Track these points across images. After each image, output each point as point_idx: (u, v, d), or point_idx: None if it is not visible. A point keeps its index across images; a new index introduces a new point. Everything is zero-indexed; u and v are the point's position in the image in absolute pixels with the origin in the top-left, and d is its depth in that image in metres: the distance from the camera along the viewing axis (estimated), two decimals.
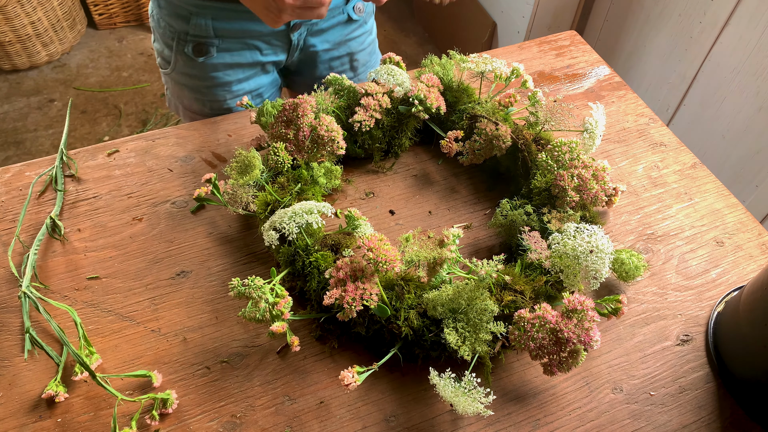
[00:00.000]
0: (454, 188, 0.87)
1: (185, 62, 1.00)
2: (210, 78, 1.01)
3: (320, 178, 0.81)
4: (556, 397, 0.67)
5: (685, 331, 0.73)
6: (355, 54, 1.12)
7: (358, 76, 1.16)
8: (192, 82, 1.03)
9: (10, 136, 2.29)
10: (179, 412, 0.65)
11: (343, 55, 1.10)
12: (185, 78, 1.03)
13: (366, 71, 1.16)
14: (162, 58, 1.04)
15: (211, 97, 1.04)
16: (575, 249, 0.65)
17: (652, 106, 1.77)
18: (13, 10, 2.31)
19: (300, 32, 1.01)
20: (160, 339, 0.70)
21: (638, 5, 1.73)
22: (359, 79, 1.17)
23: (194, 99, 1.06)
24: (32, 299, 0.70)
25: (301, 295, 0.73)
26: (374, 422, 0.65)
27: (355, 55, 1.12)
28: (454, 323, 0.62)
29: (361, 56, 1.14)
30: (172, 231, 0.81)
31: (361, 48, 1.12)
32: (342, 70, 1.13)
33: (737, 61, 1.45)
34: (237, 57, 0.99)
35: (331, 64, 1.10)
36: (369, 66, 1.17)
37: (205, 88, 1.03)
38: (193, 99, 1.06)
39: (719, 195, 0.87)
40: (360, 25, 1.09)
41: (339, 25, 1.06)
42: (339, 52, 1.09)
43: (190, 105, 1.07)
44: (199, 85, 1.03)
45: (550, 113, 0.82)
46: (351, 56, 1.12)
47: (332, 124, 0.76)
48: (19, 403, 0.65)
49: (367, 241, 0.61)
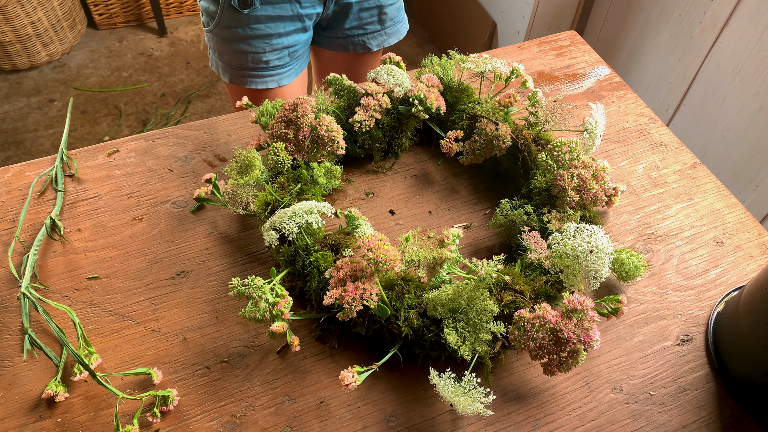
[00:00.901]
0: (454, 188, 0.87)
1: (230, 15, 1.05)
2: (252, 29, 1.06)
3: (320, 178, 0.81)
4: (556, 397, 0.67)
5: (685, 331, 0.73)
6: (384, 7, 1.17)
7: (385, 29, 1.21)
8: (235, 35, 1.07)
9: (10, 136, 2.30)
10: (179, 412, 0.65)
11: (372, 6, 1.15)
12: (228, 32, 1.07)
13: (392, 26, 1.22)
14: (207, 15, 1.09)
15: (252, 48, 1.09)
16: (575, 249, 0.65)
17: (652, 106, 1.77)
18: (13, 10, 2.31)
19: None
20: (160, 339, 0.70)
21: (638, 5, 1.73)
22: (386, 33, 1.22)
23: (235, 53, 1.10)
24: (31, 300, 0.70)
25: (301, 295, 0.73)
26: (374, 422, 0.65)
27: (385, 8, 1.17)
28: (454, 323, 0.62)
29: (390, 10, 1.18)
30: (172, 231, 0.81)
31: (390, 2, 1.17)
32: (370, 22, 1.17)
33: (737, 61, 1.45)
34: (278, 9, 1.05)
35: (360, 15, 1.15)
36: (395, 21, 1.22)
37: (246, 39, 1.08)
38: (234, 53, 1.10)
39: (719, 195, 0.87)
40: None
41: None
42: (369, 4, 1.14)
43: (231, 60, 1.12)
44: (242, 36, 1.07)
45: (550, 113, 0.82)
46: (380, 9, 1.16)
47: (332, 124, 0.76)
48: (19, 403, 0.65)
49: (367, 241, 0.61)
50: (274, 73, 1.13)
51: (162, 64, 2.61)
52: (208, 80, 2.55)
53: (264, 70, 1.12)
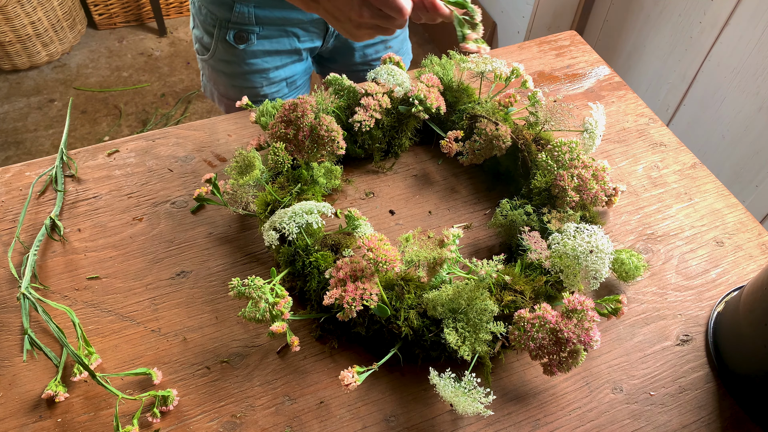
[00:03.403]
0: (454, 188, 0.87)
1: (225, 49, 1.02)
2: (248, 65, 1.03)
3: (320, 178, 0.81)
4: (556, 397, 0.67)
5: (685, 331, 0.73)
6: (388, 41, 1.14)
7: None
8: (230, 69, 1.05)
9: (10, 136, 2.30)
10: (179, 412, 0.65)
11: (377, 42, 1.12)
12: (223, 65, 1.05)
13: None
14: (201, 45, 1.06)
15: (248, 83, 1.06)
16: (575, 249, 0.65)
17: (652, 106, 1.77)
18: (13, 10, 2.31)
19: None
20: (160, 339, 0.70)
21: (638, 5, 1.73)
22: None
23: (231, 85, 1.08)
24: (31, 300, 0.70)
25: (301, 295, 0.73)
26: (374, 422, 0.65)
27: (389, 42, 1.14)
28: (454, 323, 0.62)
29: (395, 43, 1.16)
30: (172, 231, 0.81)
31: (394, 35, 1.14)
32: (375, 59, 1.15)
33: (737, 61, 1.45)
34: (276, 44, 1.02)
35: (365, 51, 1.12)
36: (401, 53, 1.19)
37: (242, 75, 1.05)
38: (229, 85, 1.08)
39: (719, 195, 0.87)
40: None
41: None
42: (373, 40, 1.11)
43: (226, 92, 1.10)
44: (237, 71, 1.05)
45: (550, 113, 0.82)
46: (384, 43, 1.14)
47: (332, 124, 0.76)
48: (19, 403, 0.65)
49: (367, 241, 0.61)
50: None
51: (162, 64, 2.61)
52: None
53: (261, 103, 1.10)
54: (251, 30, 0.98)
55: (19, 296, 0.71)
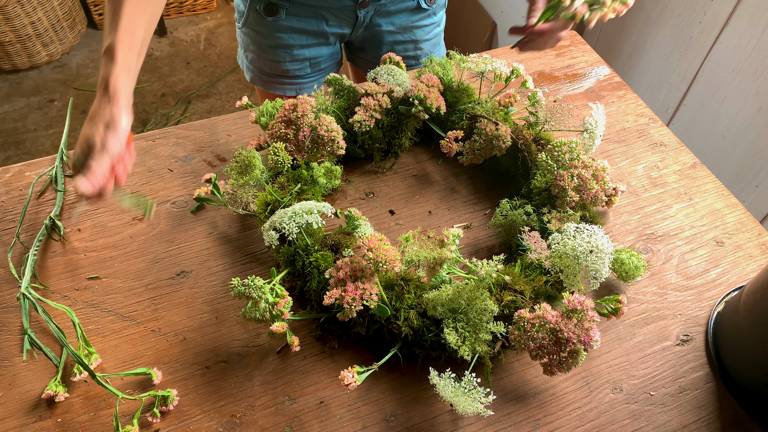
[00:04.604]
0: (454, 188, 0.87)
1: (255, 19, 1.04)
2: (275, 38, 1.05)
3: (320, 178, 0.81)
4: (556, 397, 0.67)
5: (685, 331, 0.73)
6: (419, 42, 1.14)
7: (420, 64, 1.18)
8: (258, 39, 1.07)
9: (10, 136, 2.29)
10: (179, 412, 0.65)
11: (407, 41, 1.12)
12: (253, 34, 1.07)
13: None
14: (238, 12, 1.09)
15: (273, 56, 1.08)
16: (575, 249, 0.65)
17: (652, 106, 1.77)
18: (13, 10, 2.31)
19: (367, 10, 1.04)
20: (160, 339, 0.70)
21: (638, 5, 1.73)
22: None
23: (257, 56, 1.10)
24: (31, 300, 0.70)
25: (301, 295, 0.73)
26: (374, 422, 0.65)
27: (420, 43, 1.14)
28: (454, 323, 0.62)
29: (426, 45, 1.15)
30: (172, 231, 0.81)
31: (426, 38, 1.14)
32: (405, 56, 1.14)
33: (737, 61, 1.45)
34: (303, 23, 1.03)
35: (394, 47, 1.13)
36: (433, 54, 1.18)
37: (268, 47, 1.07)
38: (256, 56, 1.10)
39: (719, 195, 0.87)
40: (429, 15, 1.11)
41: (407, 10, 1.08)
42: (403, 37, 1.11)
43: (254, 61, 1.12)
44: (264, 43, 1.07)
45: (550, 113, 0.82)
46: (415, 44, 1.14)
47: (332, 124, 0.76)
48: (19, 403, 0.65)
49: (367, 241, 0.61)
50: (294, 82, 1.12)
51: (162, 64, 2.61)
52: (208, 80, 2.55)
53: (284, 77, 1.11)
54: (281, 5, 1.00)
55: (19, 296, 0.71)
